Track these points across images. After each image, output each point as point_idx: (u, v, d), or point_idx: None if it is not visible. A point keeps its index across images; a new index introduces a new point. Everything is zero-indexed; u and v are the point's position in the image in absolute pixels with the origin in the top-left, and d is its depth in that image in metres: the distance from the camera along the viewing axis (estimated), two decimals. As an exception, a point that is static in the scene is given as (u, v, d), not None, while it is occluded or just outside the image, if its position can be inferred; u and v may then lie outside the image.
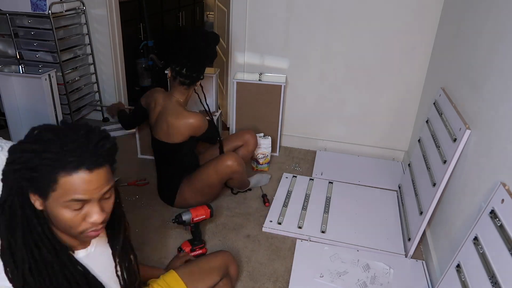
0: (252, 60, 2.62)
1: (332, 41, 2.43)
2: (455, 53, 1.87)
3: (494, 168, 1.29)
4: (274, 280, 1.63)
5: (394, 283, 1.62)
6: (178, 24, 4.45)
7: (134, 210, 2.01)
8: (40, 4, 2.42)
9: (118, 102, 2.43)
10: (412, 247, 1.75)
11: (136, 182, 2.24)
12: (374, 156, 2.66)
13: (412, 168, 2.08)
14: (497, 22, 1.45)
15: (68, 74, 2.67)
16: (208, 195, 1.98)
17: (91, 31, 2.79)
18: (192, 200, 1.95)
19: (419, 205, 1.79)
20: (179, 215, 1.66)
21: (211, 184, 1.92)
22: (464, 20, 1.81)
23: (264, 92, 2.45)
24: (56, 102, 2.48)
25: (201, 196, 1.95)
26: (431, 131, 1.89)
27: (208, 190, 1.95)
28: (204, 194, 1.96)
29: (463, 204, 1.48)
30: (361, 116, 2.59)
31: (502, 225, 1.11)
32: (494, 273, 1.09)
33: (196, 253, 1.71)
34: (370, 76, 2.47)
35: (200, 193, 1.95)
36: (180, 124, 1.84)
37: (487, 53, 1.49)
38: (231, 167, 1.88)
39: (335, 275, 1.64)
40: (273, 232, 1.91)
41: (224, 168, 1.88)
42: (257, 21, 2.49)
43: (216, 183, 1.93)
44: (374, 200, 2.18)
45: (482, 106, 1.46)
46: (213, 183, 1.92)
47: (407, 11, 2.26)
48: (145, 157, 2.53)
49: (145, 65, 3.49)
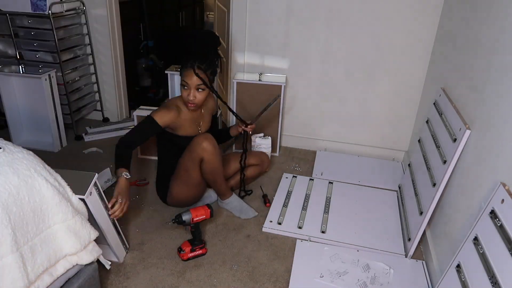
0: (252, 60, 2.61)
1: (332, 41, 2.43)
2: (455, 53, 1.87)
3: (494, 168, 1.29)
4: (274, 280, 1.63)
5: (394, 283, 1.62)
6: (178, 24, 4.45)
7: (134, 210, 2.01)
8: (40, 4, 2.42)
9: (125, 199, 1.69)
10: (412, 247, 1.75)
11: (136, 182, 2.24)
12: (374, 156, 2.66)
13: (412, 168, 2.08)
14: (497, 22, 1.45)
15: (68, 74, 2.67)
16: (187, 184, 1.91)
17: (91, 31, 2.79)
18: (176, 193, 1.93)
19: (419, 205, 1.79)
20: (179, 215, 1.66)
21: (186, 167, 1.87)
22: (464, 20, 1.81)
23: (264, 92, 2.45)
24: (56, 102, 2.48)
25: (182, 184, 1.91)
26: (431, 131, 1.89)
27: (184, 174, 1.89)
28: (183, 181, 1.91)
29: (463, 204, 1.48)
30: (361, 116, 2.59)
31: (502, 225, 1.11)
32: (494, 273, 1.09)
33: (196, 253, 1.71)
34: (370, 76, 2.47)
35: (180, 181, 1.90)
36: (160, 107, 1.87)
37: (487, 53, 1.49)
38: (201, 144, 1.81)
39: (335, 275, 1.64)
40: (273, 232, 1.91)
41: (195, 146, 1.83)
42: (257, 21, 2.49)
43: (189, 165, 1.86)
44: (374, 200, 2.18)
45: (482, 106, 1.46)
46: (187, 166, 1.86)
47: (407, 11, 2.26)
48: (145, 157, 2.53)
49: (145, 65, 3.49)
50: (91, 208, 1.36)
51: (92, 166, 2.39)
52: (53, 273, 1.17)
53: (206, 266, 1.68)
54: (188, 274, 1.63)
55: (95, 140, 2.74)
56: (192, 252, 1.70)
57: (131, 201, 2.07)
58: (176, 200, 1.98)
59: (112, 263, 1.65)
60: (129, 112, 3.18)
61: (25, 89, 2.47)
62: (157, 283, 1.58)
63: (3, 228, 0.99)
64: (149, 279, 1.60)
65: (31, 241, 1.08)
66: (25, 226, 1.06)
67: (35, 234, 1.09)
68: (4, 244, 1.00)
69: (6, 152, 1.10)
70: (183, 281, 1.60)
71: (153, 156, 2.52)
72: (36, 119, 2.54)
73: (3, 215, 0.99)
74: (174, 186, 1.93)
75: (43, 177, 1.13)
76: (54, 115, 2.49)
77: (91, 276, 1.32)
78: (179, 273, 1.64)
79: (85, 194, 1.31)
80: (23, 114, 2.56)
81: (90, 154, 2.55)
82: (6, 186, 1.02)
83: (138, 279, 1.59)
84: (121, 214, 1.56)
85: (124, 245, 1.70)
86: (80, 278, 1.28)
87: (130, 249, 1.75)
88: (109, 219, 1.51)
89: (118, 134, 2.81)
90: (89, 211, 1.36)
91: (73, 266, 1.24)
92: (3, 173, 1.04)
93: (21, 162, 1.10)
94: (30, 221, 1.08)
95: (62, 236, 1.18)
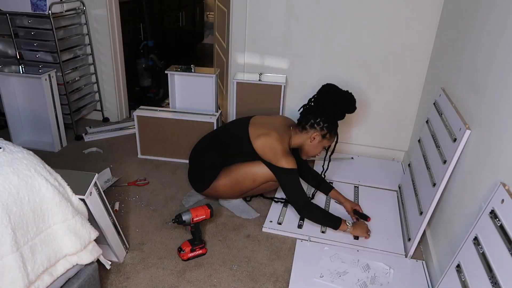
0: (252, 60, 2.62)
1: (332, 41, 2.43)
2: (455, 53, 1.87)
3: (494, 168, 1.29)
4: (274, 280, 1.63)
5: (394, 283, 1.62)
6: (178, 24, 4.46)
7: (134, 210, 2.01)
8: (40, 4, 2.42)
9: None
10: (412, 247, 1.75)
11: (136, 182, 2.24)
12: (374, 156, 2.66)
13: (412, 168, 2.08)
14: (497, 22, 1.45)
15: (68, 74, 2.67)
16: (238, 191, 1.95)
17: (91, 31, 2.79)
18: (222, 190, 1.94)
19: (419, 205, 1.79)
20: (179, 215, 1.66)
21: (249, 175, 1.90)
22: (464, 20, 1.81)
23: (264, 92, 2.45)
24: (56, 102, 2.48)
25: (232, 187, 1.93)
26: (431, 131, 1.89)
27: (242, 179, 1.91)
28: (235, 188, 1.93)
29: (463, 204, 1.48)
30: (361, 116, 2.59)
31: (502, 225, 1.11)
32: (494, 273, 1.09)
33: (196, 253, 1.71)
34: (370, 76, 2.47)
35: (233, 185, 1.92)
36: (272, 146, 1.80)
37: (487, 53, 1.49)
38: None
39: (335, 275, 1.64)
40: (273, 232, 1.91)
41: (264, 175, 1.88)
42: (257, 21, 2.49)
43: (255, 177, 1.89)
44: (374, 200, 2.18)
45: (482, 106, 1.46)
46: (251, 175, 1.89)
47: (407, 11, 2.26)
48: (145, 157, 2.53)
49: (145, 65, 3.49)
50: (91, 208, 1.36)
51: (92, 166, 2.39)
52: (53, 273, 1.17)
53: (206, 266, 1.68)
54: (188, 274, 1.63)
55: (95, 140, 2.74)
56: (192, 252, 1.70)
57: (132, 201, 2.07)
58: (215, 194, 1.98)
59: (112, 263, 1.65)
60: (129, 112, 3.18)
61: (25, 89, 2.47)
62: (157, 283, 1.58)
63: (3, 228, 0.99)
64: (149, 279, 1.60)
65: (31, 241, 1.08)
66: (25, 226, 1.06)
67: (35, 234, 1.09)
68: (4, 244, 1.00)
69: (6, 152, 1.10)
70: (183, 281, 1.60)
71: (153, 156, 2.53)
72: (36, 119, 2.54)
73: (3, 215, 0.99)
74: (225, 183, 1.93)
75: (43, 177, 1.13)
76: (54, 115, 2.49)
77: (91, 276, 1.32)
78: (179, 273, 1.64)
79: (85, 194, 1.31)
80: (23, 114, 2.56)
81: (90, 154, 2.56)
82: (6, 186, 1.02)
83: (138, 279, 1.59)
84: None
85: (124, 245, 1.70)
86: (80, 278, 1.28)
87: (130, 249, 1.75)
88: (109, 219, 1.52)
89: (118, 134, 2.81)
90: (89, 211, 1.36)
91: (73, 266, 1.24)
92: (3, 173, 1.04)
93: (21, 162, 1.10)
94: (30, 221, 1.08)
95: (62, 236, 1.18)
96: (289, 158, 1.79)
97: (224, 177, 1.93)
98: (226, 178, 1.93)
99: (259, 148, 1.82)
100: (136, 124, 2.44)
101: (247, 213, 2.02)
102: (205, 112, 2.49)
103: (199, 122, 2.38)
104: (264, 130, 1.84)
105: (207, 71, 2.59)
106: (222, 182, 1.93)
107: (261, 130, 1.84)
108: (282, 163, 1.77)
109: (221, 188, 1.94)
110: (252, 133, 1.85)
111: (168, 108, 2.64)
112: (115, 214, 1.97)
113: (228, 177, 1.92)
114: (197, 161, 2.01)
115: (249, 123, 1.90)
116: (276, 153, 1.78)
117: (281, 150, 1.79)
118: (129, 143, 2.69)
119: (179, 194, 2.16)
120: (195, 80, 2.59)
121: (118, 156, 2.53)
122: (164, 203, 2.07)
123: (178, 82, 2.62)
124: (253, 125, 1.89)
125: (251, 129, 1.87)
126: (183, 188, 2.21)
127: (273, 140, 1.80)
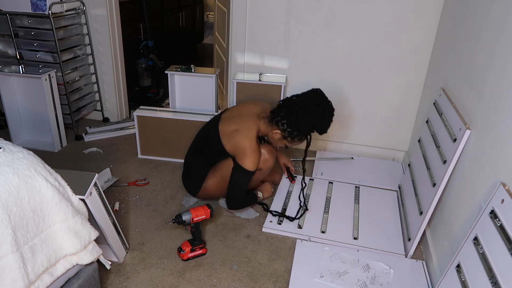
0: (252, 60, 2.62)
1: (332, 41, 2.43)
2: (455, 53, 1.87)
3: (494, 168, 1.29)
4: (274, 280, 1.63)
5: (394, 283, 1.62)
6: (178, 24, 4.46)
7: (134, 210, 2.01)
8: (40, 4, 2.42)
9: None
10: (412, 247, 1.75)
11: (136, 182, 2.24)
12: (374, 156, 2.66)
13: (412, 168, 2.08)
14: (497, 22, 1.45)
15: (68, 74, 2.67)
16: (224, 183, 1.95)
17: (91, 31, 2.79)
18: (212, 189, 1.97)
19: (419, 205, 1.79)
20: (179, 215, 1.66)
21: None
22: (464, 20, 1.81)
23: (264, 92, 2.45)
24: (56, 102, 2.48)
25: (222, 184, 1.94)
26: (431, 131, 1.89)
27: (227, 180, 1.92)
28: (223, 185, 1.93)
29: (463, 204, 1.48)
30: (361, 116, 2.59)
31: (502, 225, 1.11)
32: (494, 273, 1.09)
33: (196, 253, 1.71)
34: (370, 76, 2.47)
35: (220, 182, 1.94)
36: (239, 143, 1.84)
37: (487, 53, 1.49)
38: (264, 155, 1.91)
39: (335, 275, 1.64)
40: (273, 232, 1.91)
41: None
42: (257, 21, 2.49)
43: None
44: (374, 200, 2.18)
45: (482, 106, 1.46)
46: None
47: (407, 11, 2.26)
48: (145, 157, 2.53)
49: (145, 65, 3.49)
50: (91, 208, 1.36)
51: (92, 166, 2.39)
52: (53, 273, 1.17)
53: (206, 266, 1.68)
54: (188, 274, 1.63)
55: (95, 140, 2.74)
56: (192, 252, 1.70)
57: (132, 201, 2.07)
58: (208, 196, 2.02)
59: (112, 263, 1.65)
60: (129, 112, 3.18)
61: (25, 89, 2.47)
62: (157, 283, 1.58)
63: (3, 228, 0.99)
64: (149, 279, 1.60)
65: (31, 241, 1.08)
66: (25, 226, 1.06)
67: (35, 234, 1.09)
68: (4, 244, 1.00)
69: (6, 152, 1.10)
70: (183, 281, 1.60)
71: (153, 156, 2.53)
72: (36, 119, 2.55)
73: (3, 215, 0.99)
74: (213, 182, 1.96)
75: (43, 177, 1.13)
76: (54, 115, 2.49)
77: (91, 276, 1.32)
78: (179, 273, 1.64)
79: (85, 194, 1.31)
80: (23, 114, 2.56)
81: (90, 154, 2.56)
82: (6, 186, 1.02)
83: (138, 279, 1.59)
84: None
85: (124, 245, 1.70)
86: (80, 278, 1.28)
87: (130, 249, 1.75)
88: (109, 219, 1.52)
89: (118, 134, 2.81)
90: (89, 211, 1.36)
91: (73, 266, 1.24)
92: (3, 173, 1.04)
93: (21, 162, 1.10)
94: (30, 221, 1.08)
95: (62, 236, 1.18)
96: (253, 158, 1.83)
97: (211, 177, 1.96)
98: (213, 177, 1.96)
99: (228, 147, 1.88)
100: (136, 124, 2.44)
101: (247, 213, 2.02)
102: (205, 112, 2.49)
103: (199, 122, 2.38)
104: (234, 126, 1.88)
105: (207, 71, 2.59)
106: (210, 182, 1.97)
107: (232, 126, 1.88)
108: (245, 163, 1.83)
109: (211, 187, 1.97)
110: (222, 131, 1.89)
111: (168, 108, 2.63)
112: (115, 214, 1.97)
113: (215, 176, 1.96)
114: (186, 166, 2.06)
115: (220, 118, 1.95)
116: (244, 152, 1.83)
117: (249, 149, 1.83)
118: (129, 143, 2.69)
119: (179, 194, 2.16)
120: (195, 80, 2.59)
121: (118, 156, 2.53)
122: (164, 203, 2.07)
123: (178, 82, 2.62)
124: (223, 120, 1.93)
125: (221, 126, 1.90)
126: (183, 188, 2.21)
127: (242, 137, 1.85)
